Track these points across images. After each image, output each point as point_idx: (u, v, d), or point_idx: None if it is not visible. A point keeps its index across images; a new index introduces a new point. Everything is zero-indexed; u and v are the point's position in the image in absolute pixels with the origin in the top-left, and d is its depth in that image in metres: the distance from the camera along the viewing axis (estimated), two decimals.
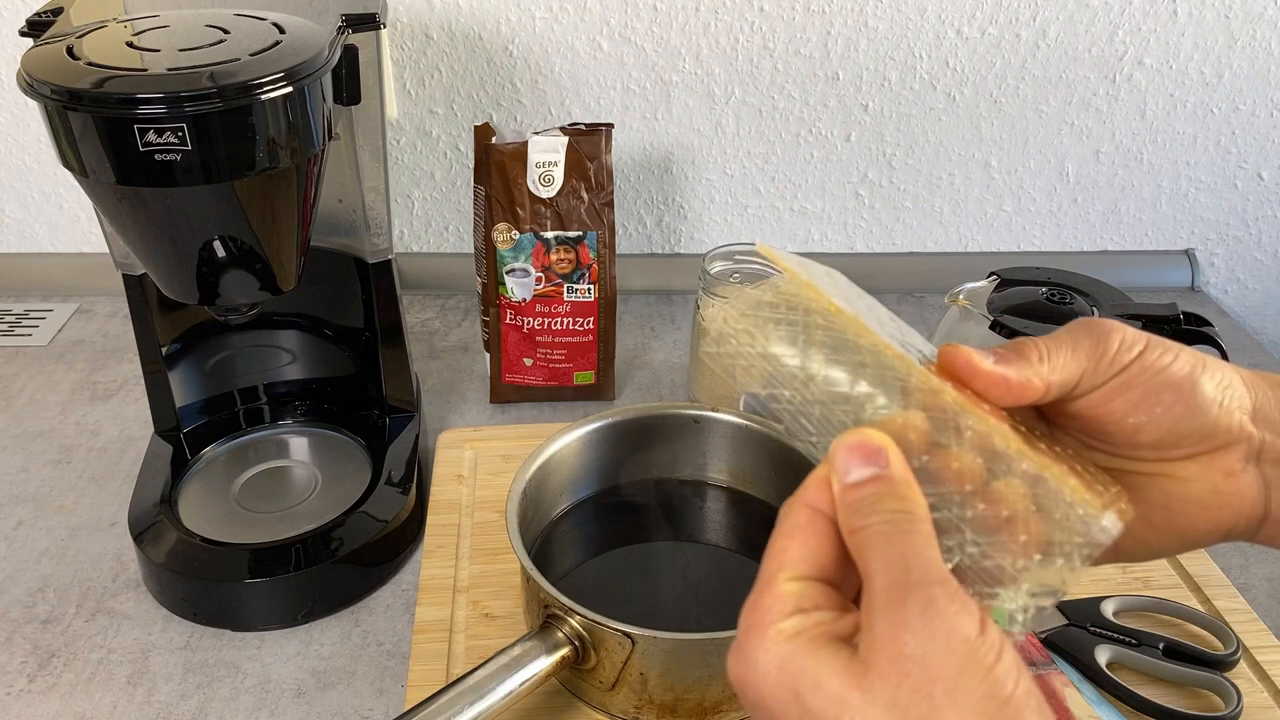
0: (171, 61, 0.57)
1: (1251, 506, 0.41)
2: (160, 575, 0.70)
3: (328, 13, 0.64)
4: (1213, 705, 0.62)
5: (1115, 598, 0.68)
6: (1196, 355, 0.41)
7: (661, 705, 0.59)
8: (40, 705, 0.64)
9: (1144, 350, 0.40)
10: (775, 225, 1.12)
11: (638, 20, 1.00)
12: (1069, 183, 1.10)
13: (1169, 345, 0.41)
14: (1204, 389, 0.40)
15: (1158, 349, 0.40)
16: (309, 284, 0.70)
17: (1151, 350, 0.40)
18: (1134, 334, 0.41)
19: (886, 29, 1.01)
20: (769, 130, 1.06)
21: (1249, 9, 1.01)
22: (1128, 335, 0.40)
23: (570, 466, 0.72)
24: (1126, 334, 0.40)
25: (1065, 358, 0.40)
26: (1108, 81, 1.04)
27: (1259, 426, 0.40)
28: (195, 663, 0.67)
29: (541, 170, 0.85)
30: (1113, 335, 0.40)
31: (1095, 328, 0.41)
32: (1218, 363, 0.41)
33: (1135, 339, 0.40)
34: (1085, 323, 0.41)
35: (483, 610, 0.69)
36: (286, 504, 0.76)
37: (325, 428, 0.85)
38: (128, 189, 0.58)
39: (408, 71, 1.02)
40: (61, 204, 1.08)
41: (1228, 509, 0.41)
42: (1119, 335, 0.40)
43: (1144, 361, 0.40)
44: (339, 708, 0.64)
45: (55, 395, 0.94)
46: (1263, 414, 0.41)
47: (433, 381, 0.97)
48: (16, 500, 0.81)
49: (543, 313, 0.89)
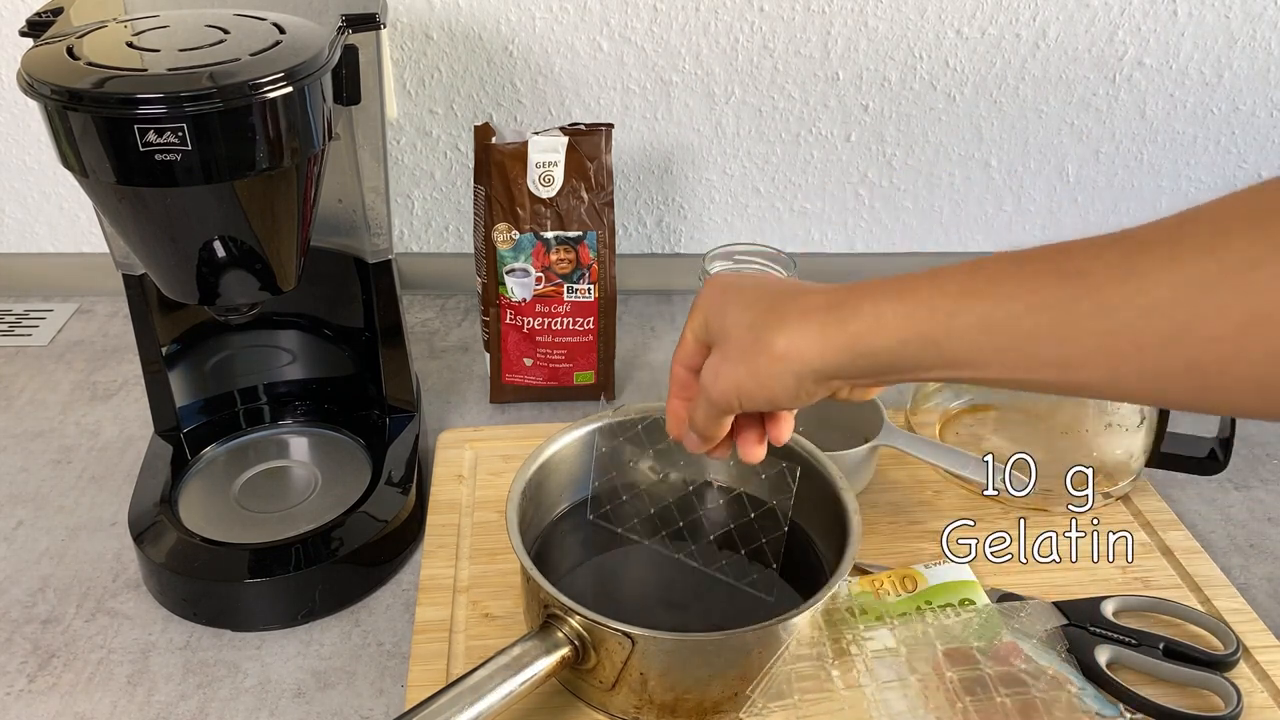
0: (171, 61, 0.57)
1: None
2: (160, 575, 0.70)
3: (328, 13, 0.64)
4: (1213, 705, 0.62)
5: (1115, 598, 0.68)
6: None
7: (661, 705, 0.59)
8: (40, 705, 0.64)
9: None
10: (775, 225, 1.12)
11: (638, 20, 1.00)
12: (1069, 183, 1.10)
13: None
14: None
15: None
16: (309, 284, 0.70)
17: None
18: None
19: (886, 29, 1.01)
20: (769, 130, 1.06)
21: (1249, 9, 1.01)
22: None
23: (570, 466, 0.72)
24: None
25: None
26: (1108, 81, 1.04)
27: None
28: (195, 663, 0.67)
29: (541, 170, 0.85)
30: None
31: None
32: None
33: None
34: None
35: (483, 610, 0.69)
36: (286, 504, 0.76)
37: (325, 428, 0.85)
38: (128, 189, 0.58)
39: (408, 71, 1.02)
40: (61, 204, 1.08)
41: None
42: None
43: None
44: (339, 708, 0.64)
45: (55, 395, 0.94)
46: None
47: (433, 381, 0.97)
48: (16, 500, 0.81)
49: (543, 313, 0.89)
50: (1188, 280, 0.36)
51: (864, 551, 0.72)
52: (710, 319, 0.51)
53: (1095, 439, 0.76)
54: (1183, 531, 0.76)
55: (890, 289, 0.45)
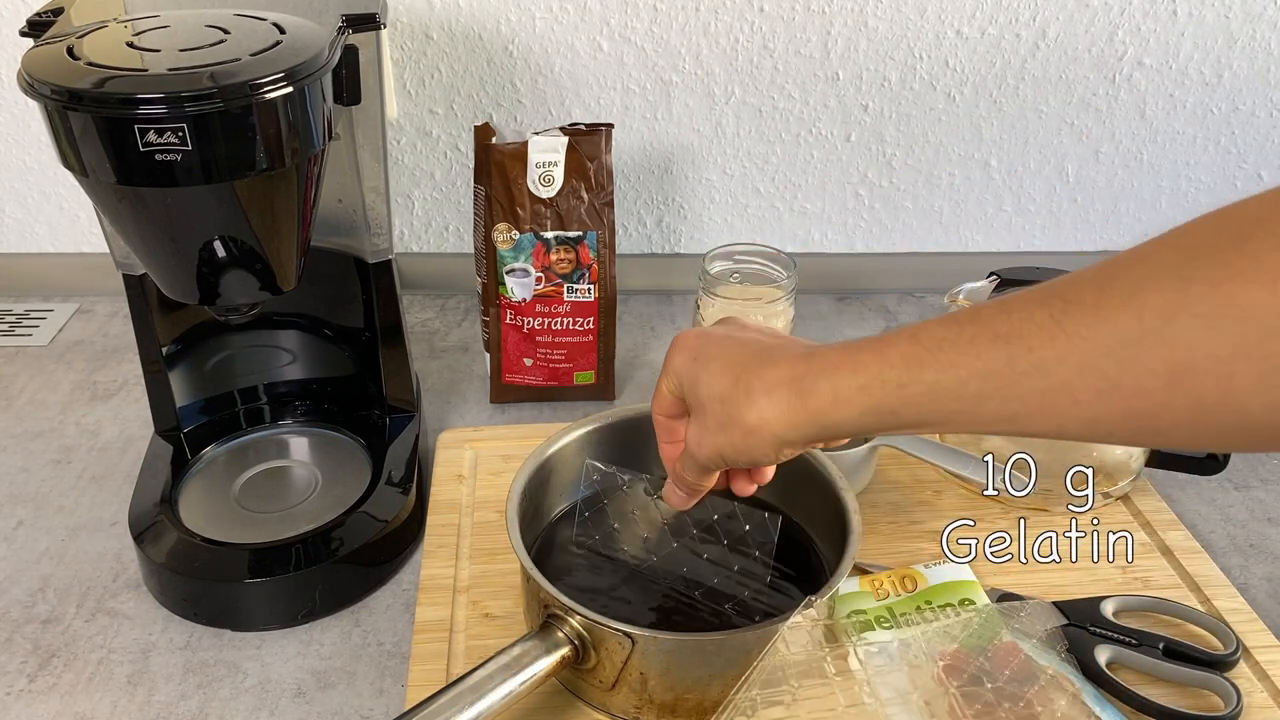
0: (172, 61, 0.57)
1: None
2: (160, 575, 0.70)
3: (328, 13, 0.64)
4: (1213, 705, 0.62)
5: (1115, 598, 0.68)
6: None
7: (661, 705, 0.59)
8: (40, 705, 0.64)
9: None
10: (775, 225, 1.12)
11: (638, 20, 1.00)
12: (1069, 183, 1.10)
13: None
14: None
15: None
16: (309, 284, 0.70)
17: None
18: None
19: (886, 29, 1.01)
20: (769, 130, 1.06)
21: (1249, 9, 1.01)
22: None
23: (570, 466, 0.72)
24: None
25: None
26: (1107, 81, 1.04)
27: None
28: (195, 663, 0.67)
29: (541, 170, 0.85)
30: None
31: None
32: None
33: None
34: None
35: (483, 610, 0.69)
36: (286, 504, 0.76)
37: (325, 428, 0.85)
38: (128, 189, 0.58)
39: (408, 71, 1.02)
40: (61, 204, 1.08)
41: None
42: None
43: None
44: (339, 708, 0.64)
45: (55, 395, 0.94)
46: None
47: (433, 381, 0.97)
48: (16, 500, 0.81)
49: (543, 313, 0.89)
50: (1112, 336, 0.38)
51: (864, 551, 0.72)
52: (684, 384, 0.55)
53: None
54: (1183, 531, 0.76)
55: (845, 362, 0.47)
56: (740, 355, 0.52)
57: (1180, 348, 0.36)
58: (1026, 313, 0.41)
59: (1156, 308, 0.37)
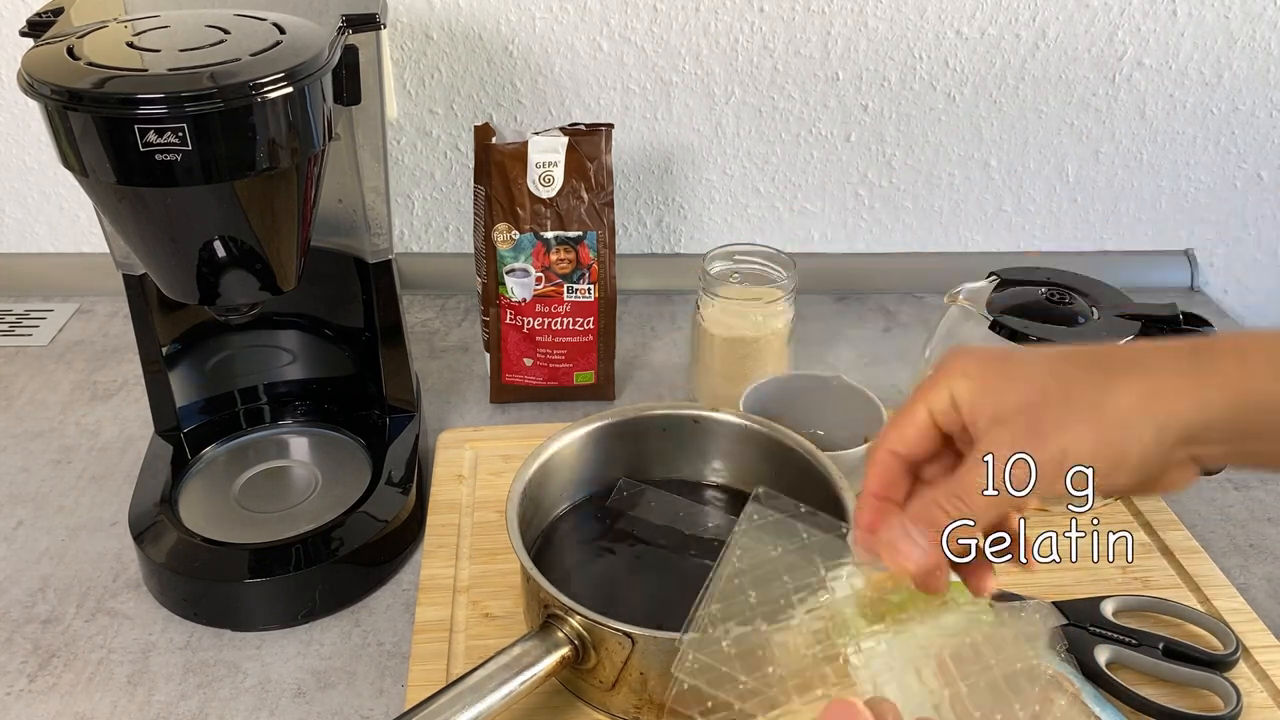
0: (172, 61, 0.57)
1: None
2: (160, 575, 0.70)
3: (328, 13, 0.64)
4: (1213, 705, 0.62)
5: (1115, 598, 0.68)
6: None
7: (661, 705, 0.59)
8: (40, 705, 0.64)
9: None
10: (775, 225, 1.12)
11: (638, 20, 1.00)
12: (1069, 183, 1.10)
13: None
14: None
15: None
16: (309, 284, 0.70)
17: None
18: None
19: (886, 29, 1.01)
20: (769, 130, 1.06)
21: (1249, 9, 1.01)
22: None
23: (570, 466, 0.72)
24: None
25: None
26: (1107, 81, 1.04)
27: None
28: (195, 663, 0.67)
29: (541, 170, 0.85)
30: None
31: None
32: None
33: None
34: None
35: (483, 610, 0.69)
36: (286, 504, 0.76)
37: (325, 428, 0.85)
38: (128, 189, 0.58)
39: (408, 71, 1.02)
40: (61, 204, 1.08)
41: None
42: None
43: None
44: (339, 708, 0.64)
45: (55, 395, 0.94)
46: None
47: (433, 381, 0.97)
48: (16, 500, 0.81)
49: (543, 313, 0.89)
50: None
51: None
52: (975, 395, 0.42)
53: None
54: (1183, 531, 0.76)
55: (1268, 341, 0.37)
56: (1073, 351, 0.43)
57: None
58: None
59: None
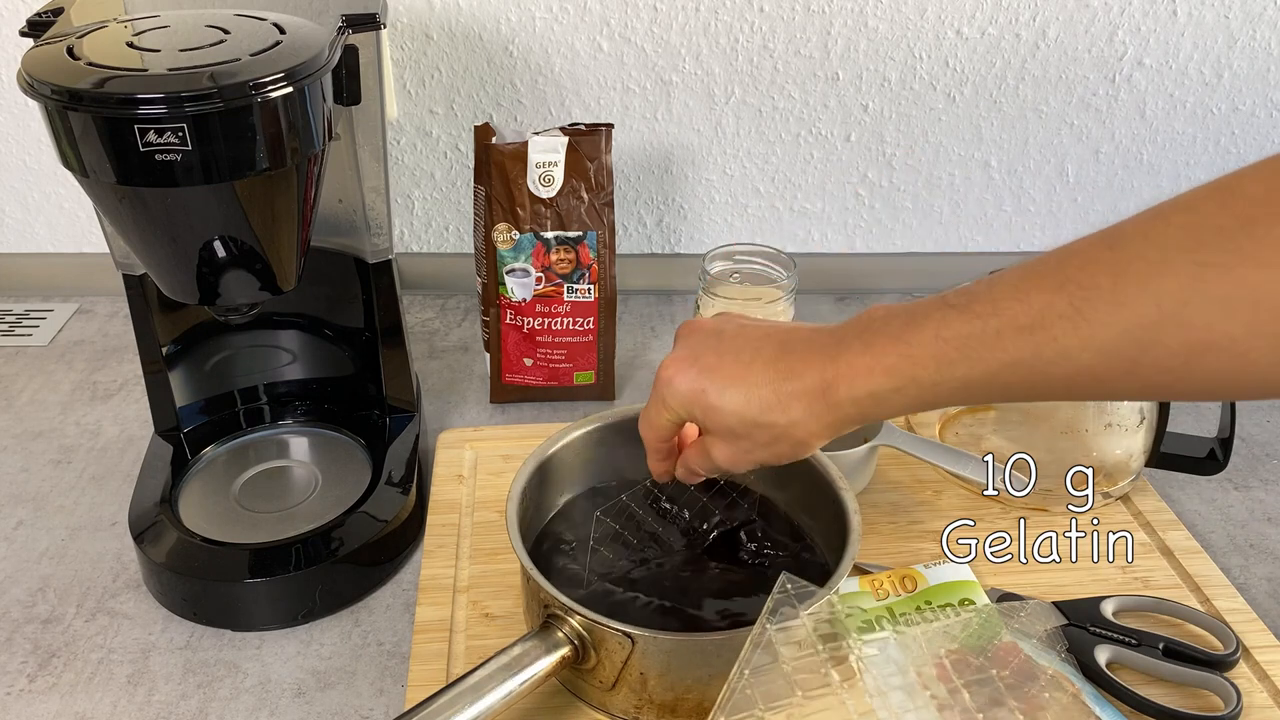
0: (172, 61, 0.57)
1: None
2: (160, 575, 0.70)
3: (328, 13, 0.64)
4: (1213, 705, 0.62)
5: (1115, 598, 0.68)
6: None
7: (661, 705, 0.59)
8: (40, 705, 0.64)
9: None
10: (775, 225, 1.12)
11: (638, 20, 1.00)
12: (1069, 183, 1.10)
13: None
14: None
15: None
16: (309, 284, 0.70)
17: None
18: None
19: (886, 29, 1.01)
20: (769, 130, 1.06)
21: (1249, 9, 1.01)
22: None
23: (570, 466, 0.72)
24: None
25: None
26: (1108, 81, 1.04)
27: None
28: (195, 663, 0.67)
29: (541, 170, 0.85)
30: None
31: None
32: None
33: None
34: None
35: (483, 610, 0.69)
36: (286, 504, 0.76)
37: (325, 428, 0.85)
38: (128, 189, 0.58)
39: (408, 71, 1.02)
40: (61, 204, 1.08)
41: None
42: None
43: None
44: (339, 708, 0.64)
45: (55, 395, 0.94)
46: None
47: (433, 381, 0.97)
48: (16, 500, 0.81)
49: (543, 313, 0.89)
50: (1132, 323, 0.40)
51: (864, 551, 0.72)
52: (696, 414, 0.55)
53: (1095, 439, 0.76)
54: (1183, 531, 0.76)
55: (874, 367, 0.48)
56: (756, 372, 0.52)
57: (1198, 329, 0.38)
58: (1046, 301, 0.42)
59: (1173, 293, 0.38)
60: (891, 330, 0.48)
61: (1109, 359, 0.41)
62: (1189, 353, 0.39)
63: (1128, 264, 0.40)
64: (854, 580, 0.69)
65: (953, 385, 0.46)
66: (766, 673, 0.55)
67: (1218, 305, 0.37)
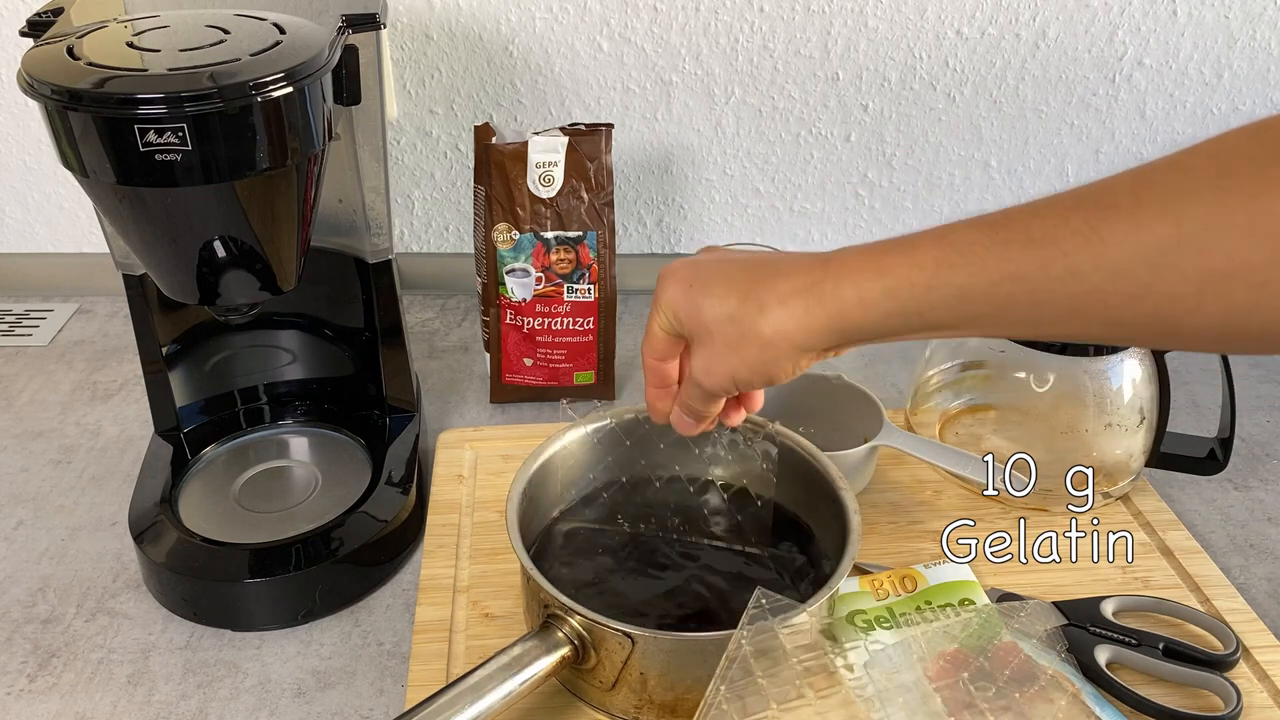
0: (172, 61, 0.57)
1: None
2: (160, 575, 0.70)
3: (328, 13, 0.65)
4: (1213, 705, 0.62)
5: (1115, 598, 0.68)
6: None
7: (661, 705, 0.59)
8: (40, 705, 0.64)
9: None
10: (775, 225, 1.12)
11: (638, 20, 1.00)
12: (1069, 183, 1.10)
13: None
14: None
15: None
16: (309, 284, 0.70)
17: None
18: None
19: (886, 29, 1.01)
20: (769, 130, 1.06)
21: (1249, 9, 1.01)
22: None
23: (570, 466, 0.72)
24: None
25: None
26: (1108, 81, 1.04)
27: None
28: (195, 663, 0.67)
29: (541, 170, 0.85)
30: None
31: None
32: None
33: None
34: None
35: (483, 610, 0.69)
36: (286, 504, 0.76)
37: (325, 428, 0.85)
38: (128, 189, 0.58)
39: (408, 71, 1.02)
40: (61, 204, 1.08)
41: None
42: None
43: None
44: (339, 708, 0.64)
45: (55, 395, 0.94)
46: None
47: (433, 381, 0.97)
48: (16, 500, 0.81)
49: (543, 313, 0.89)
50: (1149, 244, 0.38)
51: (864, 551, 0.72)
52: (681, 316, 0.53)
53: (1095, 439, 0.76)
54: (1183, 531, 0.76)
55: (868, 266, 0.46)
56: (744, 272, 0.50)
57: (1217, 256, 0.37)
58: (1061, 217, 0.41)
59: (1195, 216, 0.37)
60: (895, 240, 0.46)
61: (1119, 281, 0.39)
62: (1204, 279, 0.37)
63: (1149, 186, 0.39)
64: (854, 580, 0.69)
65: (949, 293, 0.43)
66: (742, 686, 0.55)
67: (1240, 232, 0.36)
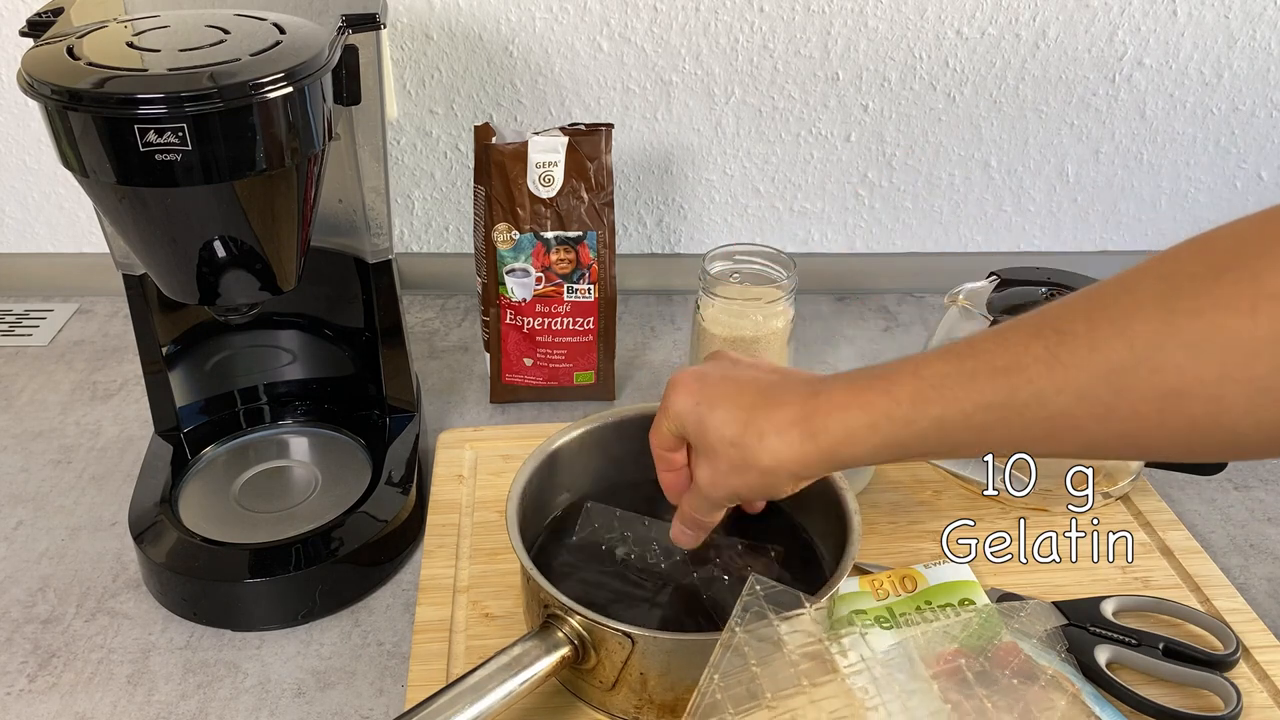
0: (172, 61, 0.57)
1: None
2: (160, 575, 0.70)
3: (328, 13, 0.64)
4: (1213, 705, 0.62)
5: (1115, 598, 0.68)
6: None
7: (661, 705, 0.59)
8: (40, 705, 0.64)
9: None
10: (775, 225, 1.12)
11: (638, 20, 1.00)
12: (1069, 183, 1.10)
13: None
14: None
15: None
16: (309, 284, 0.70)
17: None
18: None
19: (886, 29, 1.01)
20: (769, 130, 1.06)
21: (1249, 9, 1.01)
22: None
23: (570, 466, 0.72)
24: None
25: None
26: (1107, 81, 1.04)
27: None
28: (195, 663, 0.67)
29: (541, 170, 0.85)
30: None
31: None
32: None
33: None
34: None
35: (483, 610, 0.69)
36: (286, 504, 0.76)
37: (325, 428, 0.85)
38: (128, 189, 0.58)
39: (408, 71, 1.02)
40: (61, 204, 1.08)
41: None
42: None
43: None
44: (339, 708, 0.64)
45: (55, 395, 0.94)
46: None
47: (433, 381, 0.97)
48: (16, 500, 0.81)
49: (543, 313, 0.89)
50: (1106, 366, 0.40)
51: (864, 551, 0.72)
52: (689, 429, 0.56)
53: None
54: (1182, 531, 0.76)
55: (852, 401, 0.50)
56: (745, 397, 0.54)
57: (1170, 374, 0.39)
58: (1023, 345, 0.43)
59: (1145, 337, 0.39)
60: (875, 373, 0.50)
61: (1084, 403, 0.41)
62: (1162, 398, 0.39)
63: (1103, 309, 0.41)
64: (854, 580, 0.69)
65: (926, 424, 0.46)
66: (736, 675, 0.55)
67: (1189, 350, 0.38)
